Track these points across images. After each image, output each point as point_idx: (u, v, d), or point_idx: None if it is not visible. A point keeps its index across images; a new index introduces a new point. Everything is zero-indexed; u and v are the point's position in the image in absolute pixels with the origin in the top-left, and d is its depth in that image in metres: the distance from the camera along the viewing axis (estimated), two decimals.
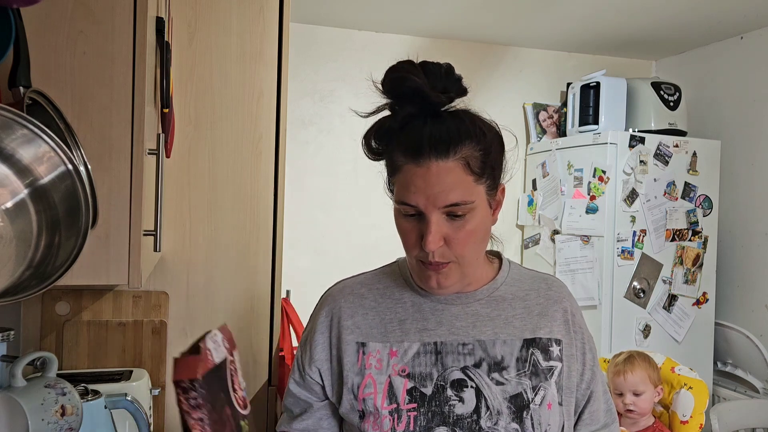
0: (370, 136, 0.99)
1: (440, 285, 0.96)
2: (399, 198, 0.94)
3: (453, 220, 0.92)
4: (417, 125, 0.92)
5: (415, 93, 0.91)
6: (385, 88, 0.94)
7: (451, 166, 0.90)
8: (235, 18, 1.70)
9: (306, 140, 3.10)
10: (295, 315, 2.00)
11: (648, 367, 2.03)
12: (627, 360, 2.05)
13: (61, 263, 0.74)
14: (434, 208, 0.90)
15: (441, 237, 0.91)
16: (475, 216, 0.93)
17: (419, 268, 0.97)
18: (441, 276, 0.95)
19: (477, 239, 0.95)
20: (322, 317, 1.06)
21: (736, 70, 3.09)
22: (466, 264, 0.96)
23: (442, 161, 0.90)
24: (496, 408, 0.95)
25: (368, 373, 0.99)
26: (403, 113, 0.93)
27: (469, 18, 2.93)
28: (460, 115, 0.95)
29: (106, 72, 0.96)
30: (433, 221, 0.90)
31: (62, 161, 0.74)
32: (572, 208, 2.93)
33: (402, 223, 0.95)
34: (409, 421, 0.95)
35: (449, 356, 0.98)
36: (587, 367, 1.04)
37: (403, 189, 0.93)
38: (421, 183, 0.90)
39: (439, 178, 0.90)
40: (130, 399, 1.25)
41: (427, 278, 0.96)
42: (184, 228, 1.69)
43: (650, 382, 2.01)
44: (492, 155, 0.95)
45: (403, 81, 0.91)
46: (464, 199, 0.91)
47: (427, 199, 0.90)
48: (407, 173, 0.92)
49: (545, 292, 1.05)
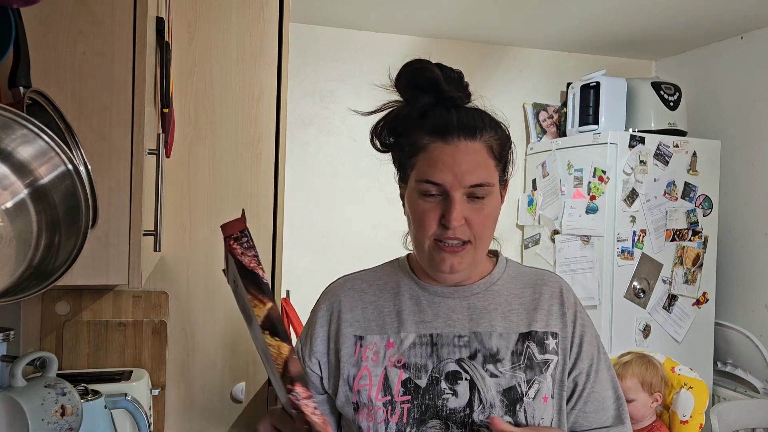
0: (383, 127, 1.01)
1: (453, 269, 0.97)
2: (423, 176, 0.95)
3: (473, 202, 0.95)
4: (440, 111, 0.96)
5: (433, 84, 0.95)
6: (402, 81, 0.97)
7: (477, 147, 0.94)
8: (235, 18, 1.70)
9: (306, 140, 3.10)
10: (295, 315, 2.00)
11: (645, 373, 2.01)
12: (623, 365, 2.05)
13: (61, 263, 0.74)
14: (460, 186, 0.93)
15: (463, 216, 0.94)
16: (492, 200, 0.97)
17: (434, 252, 0.97)
18: (456, 259, 0.96)
19: (492, 223, 0.99)
20: (323, 311, 1.07)
21: (736, 70, 3.09)
22: (480, 248, 0.98)
23: (470, 141, 0.94)
24: (489, 401, 0.96)
25: (364, 365, 1.00)
26: (422, 102, 0.96)
27: (469, 18, 2.93)
28: (478, 108, 0.99)
29: (106, 72, 0.96)
30: (456, 199, 0.93)
31: (62, 161, 0.74)
32: (572, 208, 2.93)
33: (420, 203, 0.96)
34: (403, 413, 0.96)
35: (445, 348, 0.99)
36: (581, 359, 1.01)
37: (428, 166, 0.94)
38: (449, 160, 0.93)
39: (467, 156, 0.93)
40: (130, 399, 1.25)
41: (441, 261, 0.97)
42: (184, 228, 1.69)
43: (643, 390, 2.00)
44: (506, 147, 0.99)
45: (422, 72, 0.95)
46: (488, 180, 0.94)
47: (454, 177, 0.93)
48: (434, 151, 0.94)
49: (541, 286, 1.06)
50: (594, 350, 1.04)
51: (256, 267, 0.78)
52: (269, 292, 0.77)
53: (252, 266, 0.78)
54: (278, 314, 0.77)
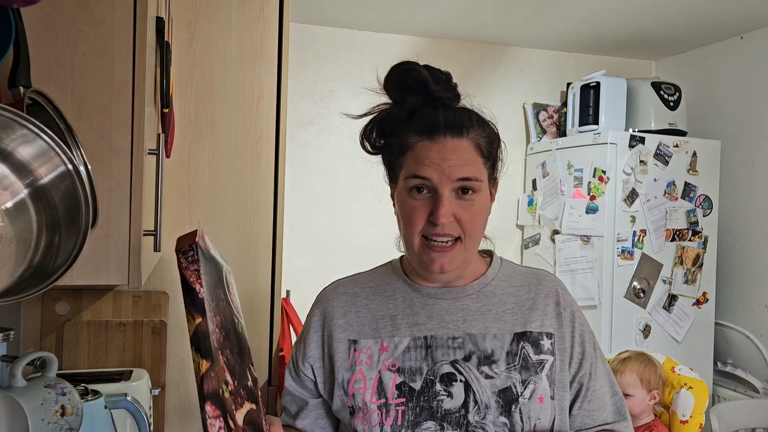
0: (372, 128, 1.02)
1: (443, 269, 0.97)
2: (411, 172, 0.96)
3: (461, 198, 0.95)
4: (428, 111, 0.97)
5: (421, 85, 0.96)
6: (390, 82, 0.98)
7: (465, 144, 0.95)
8: (235, 18, 1.70)
9: (306, 140, 3.10)
10: (295, 315, 2.00)
11: (643, 370, 2.02)
12: (622, 361, 2.06)
13: (61, 263, 0.74)
14: (448, 181, 0.93)
15: (451, 213, 0.94)
16: (480, 197, 0.97)
17: (423, 253, 0.97)
18: (446, 259, 0.96)
19: (481, 221, 0.99)
20: (316, 316, 1.08)
21: (736, 70, 3.09)
22: (470, 245, 0.98)
23: (457, 139, 0.95)
24: (484, 402, 0.96)
25: (359, 369, 1.00)
26: (410, 103, 0.97)
27: (469, 18, 2.93)
28: (466, 108, 1.00)
29: (106, 72, 0.96)
30: (444, 195, 0.93)
31: (62, 161, 0.74)
32: (572, 208, 2.93)
33: (409, 201, 0.97)
34: (397, 415, 0.96)
35: (439, 350, 0.99)
36: (585, 359, 1.02)
37: (416, 163, 0.95)
38: (436, 156, 0.94)
39: (454, 153, 0.94)
40: (130, 399, 1.25)
41: (430, 262, 0.97)
42: (184, 228, 1.69)
43: (642, 386, 2.01)
44: (494, 145, 1.00)
45: (409, 73, 0.96)
46: (475, 175, 0.95)
47: (441, 173, 0.93)
48: (422, 149, 0.95)
49: (536, 286, 1.05)
50: (592, 349, 1.04)
51: (195, 282, 0.81)
52: (201, 308, 0.80)
53: (191, 280, 0.81)
54: (206, 331, 0.80)
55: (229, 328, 0.86)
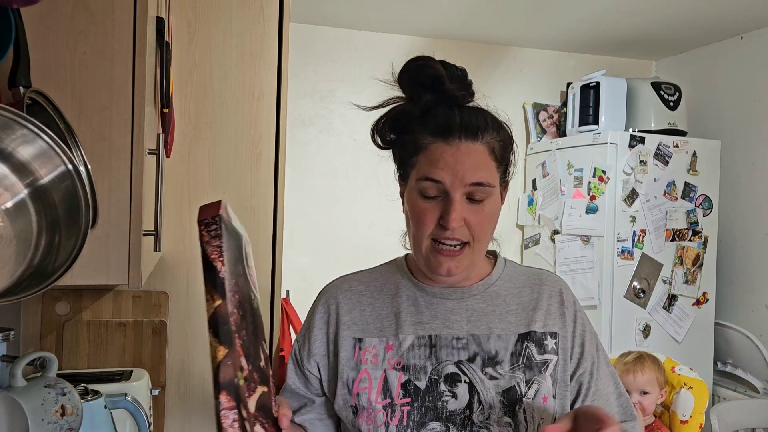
0: (384, 123, 1.00)
1: (450, 272, 0.96)
2: (423, 174, 0.94)
3: (472, 203, 0.94)
4: (442, 110, 0.95)
5: (435, 81, 0.94)
6: (405, 77, 0.96)
7: (479, 147, 0.93)
8: (235, 18, 1.70)
9: (306, 140, 3.10)
10: (295, 315, 2.00)
11: (657, 369, 2.05)
12: (638, 359, 2.07)
13: (61, 263, 0.74)
14: (460, 185, 0.92)
15: (462, 217, 0.93)
16: (492, 201, 0.96)
17: (431, 255, 0.96)
18: (453, 262, 0.95)
19: (491, 225, 0.98)
20: (320, 313, 1.07)
21: (736, 70, 3.09)
22: (478, 249, 0.97)
23: (471, 143, 0.93)
24: (488, 402, 0.95)
25: (364, 368, 0.99)
26: (424, 100, 0.96)
27: (469, 18, 2.93)
28: (481, 108, 0.98)
29: (106, 72, 0.96)
30: (456, 199, 0.92)
31: (62, 161, 0.74)
32: (572, 208, 2.93)
33: (420, 203, 0.95)
34: (403, 415, 0.96)
35: (443, 350, 0.98)
36: (584, 358, 1.02)
37: (429, 165, 0.94)
38: (450, 159, 0.92)
39: (468, 156, 0.92)
40: (130, 399, 1.25)
41: (438, 265, 0.96)
42: (184, 228, 1.69)
43: (657, 384, 2.03)
44: (508, 148, 0.98)
45: (425, 69, 0.94)
46: (488, 180, 0.94)
47: (454, 176, 0.92)
48: (435, 150, 0.94)
49: (539, 286, 1.05)
50: (594, 349, 1.04)
51: (217, 259, 0.75)
52: (222, 290, 0.75)
53: (213, 257, 0.75)
54: (225, 314, 0.74)
55: (246, 306, 0.81)
